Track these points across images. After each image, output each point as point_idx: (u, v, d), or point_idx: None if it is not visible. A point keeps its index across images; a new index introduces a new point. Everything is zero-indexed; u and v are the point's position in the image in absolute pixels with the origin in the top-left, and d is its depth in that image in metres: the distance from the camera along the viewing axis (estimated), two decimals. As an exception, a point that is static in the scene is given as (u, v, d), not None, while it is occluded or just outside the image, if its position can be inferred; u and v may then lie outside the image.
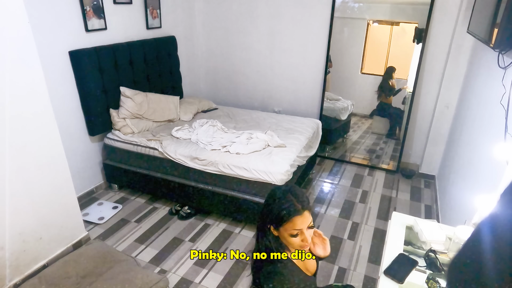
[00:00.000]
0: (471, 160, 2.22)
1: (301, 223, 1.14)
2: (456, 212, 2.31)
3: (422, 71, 3.34)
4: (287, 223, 1.14)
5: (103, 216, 2.84)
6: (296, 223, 1.13)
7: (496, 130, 1.74)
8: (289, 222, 1.13)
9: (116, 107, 3.05)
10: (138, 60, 3.24)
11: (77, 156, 2.91)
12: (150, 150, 2.87)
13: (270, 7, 3.74)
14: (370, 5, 3.48)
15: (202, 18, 4.14)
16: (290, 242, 1.17)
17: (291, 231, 1.14)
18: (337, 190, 3.37)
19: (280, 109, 4.13)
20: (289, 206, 1.14)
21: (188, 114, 3.49)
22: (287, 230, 1.15)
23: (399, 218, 1.69)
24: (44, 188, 2.11)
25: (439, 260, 1.40)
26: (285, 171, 2.47)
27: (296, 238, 1.16)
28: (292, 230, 1.14)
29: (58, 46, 2.60)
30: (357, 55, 3.76)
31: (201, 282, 2.23)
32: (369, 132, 3.99)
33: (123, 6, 3.08)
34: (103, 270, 1.95)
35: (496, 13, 1.68)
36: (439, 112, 3.33)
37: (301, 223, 1.14)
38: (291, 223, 1.14)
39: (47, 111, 2.05)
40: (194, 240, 2.62)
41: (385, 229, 2.66)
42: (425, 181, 3.55)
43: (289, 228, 1.14)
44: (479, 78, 2.44)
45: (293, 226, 1.14)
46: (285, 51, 3.86)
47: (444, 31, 3.14)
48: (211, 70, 4.38)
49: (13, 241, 1.97)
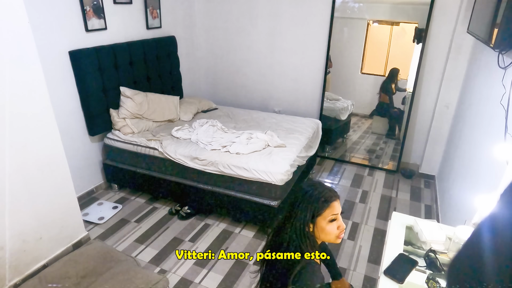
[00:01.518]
0: (471, 160, 2.22)
1: (338, 208, 1.20)
2: (456, 212, 2.31)
3: (422, 71, 3.34)
4: (327, 208, 1.17)
5: (103, 216, 2.84)
6: (334, 208, 1.18)
7: (496, 130, 1.74)
8: (329, 207, 1.18)
9: (116, 107, 3.05)
10: (138, 60, 3.24)
11: (77, 156, 2.91)
12: (150, 150, 2.87)
13: (270, 7, 3.74)
14: (370, 5, 3.48)
15: (202, 18, 4.14)
16: (328, 231, 1.19)
17: (331, 217, 1.18)
18: (337, 190, 3.37)
19: (280, 109, 4.13)
20: (326, 192, 1.19)
21: (188, 114, 3.49)
22: (326, 217, 1.18)
23: (399, 218, 1.69)
24: (44, 188, 2.11)
25: (439, 260, 1.40)
26: (285, 171, 2.47)
27: (333, 225, 1.19)
28: (331, 215, 1.18)
29: (58, 46, 2.60)
30: (357, 55, 3.76)
31: (201, 282, 2.23)
32: (369, 132, 3.99)
33: (123, 6, 3.08)
34: (103, 270, 1.95)
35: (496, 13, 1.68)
36: (439, 112, 3.33)
37: (338, 207, 1.20)
38: (330, 209, 1.18)
39: (47, 111, 2.05)
40: (194, 240, 2.62)
41: (385, 229, 2.66)
42: (425, 181, 3.55)
43: (328, 214, 1.18)
44: (479, 78, 2.44)
45: (332, 211, 1.18)
46: (285, 51, 3.86)
47: (444, 31, 3.14)
48: (211, 70, 4.38)
49: (13, 241, 1.97)
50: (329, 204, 1.18)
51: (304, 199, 1.19)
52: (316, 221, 1.18)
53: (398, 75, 3.59)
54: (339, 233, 1.21)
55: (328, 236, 1.21)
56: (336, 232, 1.20)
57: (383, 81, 3.68)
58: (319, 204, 1.17)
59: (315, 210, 1.17)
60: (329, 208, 1.18)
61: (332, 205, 1.18)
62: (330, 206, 1.18)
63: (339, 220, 1.21)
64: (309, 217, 1.17)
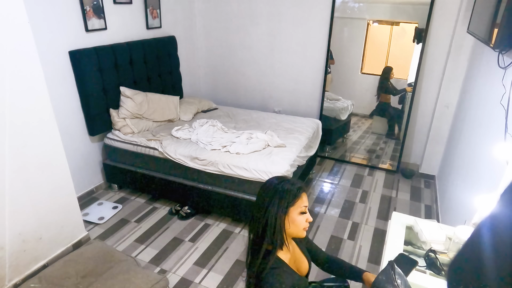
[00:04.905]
0: (471, 160, 2.22)
1: (306, 199, 1.24)
2: (456, 212, 2.31)
3: (422, 71, 3.34)
4: (299, 199, 1.20)
5: (103, 216, 2.84)
6: (304, 199, 1.22)
7: (496, 130, 1.74)
8: (300, 198, 1.21)
9: (116, 107, 3.05)
10: (138, 60, 3.24)
11: (77, 156, 2.91)
12: (150, 150, 2.87)
13: (270, 7, 3.74)
14: (370, 5, 3.48)
15: (202, 18, 4.14)
16: (298, 222, 1.21)
17: (301, 208, 1.21)
18: (337, 190, 3.37)
19: (280, 109, 4.13)
20: (297, 184, 1.23)
21: (188, 114, 3.49)
22: (297, 208, 1.20)
23: (399, 218, 1.69)
24: (44, 188, 2.11)
25: (439, 260, 1.40)
26: (285, 171, 2.47)
27: (303, 217, 1.22)
28: (302, 206, 1.21)
29: (58, 46, 2.60)
30: (357, 55, 3.76)
31: (201, 282, 2.23)
32: (369, 132, 3.99)
33: (123, 6, 3.08)
34: (103, 270, 1.95)
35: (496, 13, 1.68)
36: (439, 112, 3.33)
37: (306, 199, 1.24)
38: (301, 200, 1.21)
39: (47, 111, 2.05)
40: (194, 240, 2.62)
41: (385, 229, 2.66)
42: (425, 181, 3.55)
43: (299, 205, 1.21)
44: (479, 78, 2.44)
45: (302, 202, 1.21)
46: (285, 51, 3.86)
47: (444, 31, 3.14)
48: (211, 70, 4.38)
49: (13, 241, 1.97)
50: (300, 194, 1.21)
51: (277, 192, 1.21)
52: (289, 211, 1.20)
53: (391, 73, 3.60)
54: (306, 225, 1.24)
55: (296, 229, 1.23)
56: (304, 224, 1.23)
57: (379, 81, 3.67)
58: (292, 195, 1.20)
59: (289, 201, 1.20)
60: (300, 199, 1.21)
61: (302, 196, 1.22)
62: (300, 197, 1.21)
63: (308, 213, 1.24)
64: (283, 208, 1.19)
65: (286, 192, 1.20)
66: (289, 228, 1.21)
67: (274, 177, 1.30)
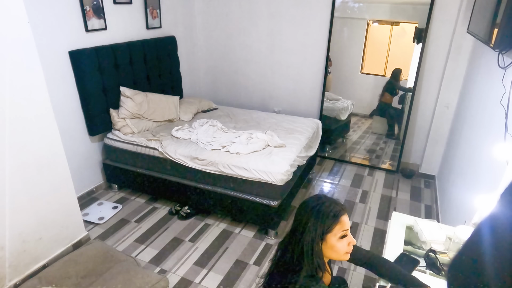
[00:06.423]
0: (471, 160, 2.22)
1: (348, 222, 1.13)
2: (456, 212, 2.31)
3: (422, 71, 3.34)
4: (337, 224, 1.10)
5: (103, 216, 2.84)
6: (344, 223, 1.11)
7: (496, 130, 1.74)
8: (339, 223, 1.11)
9: (116, 107, 3.05)
10: (138, 60, 3.24)
11: (77, 156, 2.91)
12: (150, 150, 2.87)
13: (270, 7, 3.74)
14: (370, 5, 3.48)
15: (202, 18, 4.14)
16: (338, 248, 1.12)
17: (341, 233, 1.11)
18: (337, 190, 3.37)
19: (280, 109, 4.13)
20: (334, 206, 1.12)
21: (188, 114, 3.49)
22: (336, 233, 1.11)
23: (399, 218, 1.69)
24: (44, 188, 2.11)
25: (439, 260, 1.40)
26: (285, 171, 2.47)
27: (344, 242, 1.12)
28: (341, 231, 1.11)
29: (58, 46, 2.60)
30: (357, 55, 3.76)
31: (201, 282, 2.23)
32: (369, 132, 3.99)
33: (123, 6, 3.08)
34: (103, 270, 1.95)
35: (496, 13, 1.68)
36: (439, 112, 3.33)
37: (347, 222, 1.13)
38: (340, 224, 1.11)
39: (47, 111, 2.05)
40: (194, 240, 2.62)
41: (385, 229, 2.66)
42: (425, 181, 3.55)
43: (338, 230, 1.11)
44: (479, 78, 2.44)
45: (342, 226, 1.11)
46: (285, 51, 3.86)
47: (444, 31, 3.14)
48: (211, 70, 4.38)
49: (13, 241, 1.97)
50: (339, 219, 1.10)
51: (312, 215, 1.10)
52: (326, 238, 1.10)
53: (401, 75, 3.59)
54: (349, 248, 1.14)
55: (336, 254, 1.13)
56: (347, 249, 1.13)
57: (387, 81, 3.66)
58: (329, 220, 1.09)
59: (325, 227, 1.09)
60: (339, 224, 1.10)
61: (342, 219, 1.11)
62: (340, 221, 1.10)
63: (350, 236, 1.13)
64: (319, 235, 1.09)
65: (323, 216, 1.09)
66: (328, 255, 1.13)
67: (312, 196, 1.18)
